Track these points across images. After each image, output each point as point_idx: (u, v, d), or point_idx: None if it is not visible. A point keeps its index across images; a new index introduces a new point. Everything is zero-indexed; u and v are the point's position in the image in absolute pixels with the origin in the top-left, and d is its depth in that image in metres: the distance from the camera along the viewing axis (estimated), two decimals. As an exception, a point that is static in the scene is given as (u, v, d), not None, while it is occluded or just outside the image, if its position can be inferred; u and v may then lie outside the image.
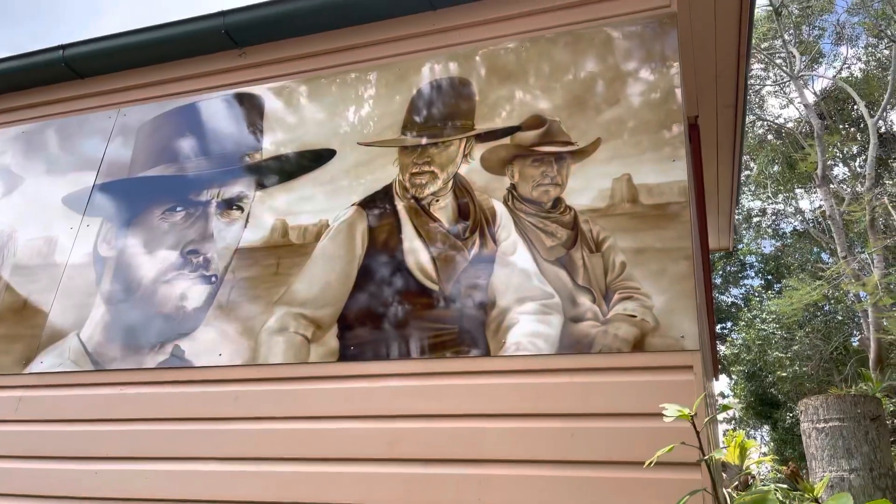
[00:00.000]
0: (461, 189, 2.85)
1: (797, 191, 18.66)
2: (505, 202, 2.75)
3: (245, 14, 3.44)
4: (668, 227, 2.47)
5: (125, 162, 3.53)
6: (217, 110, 3.51)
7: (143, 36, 3.66)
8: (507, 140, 2.88)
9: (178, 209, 3.27)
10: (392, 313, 2.69)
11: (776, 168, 18.28)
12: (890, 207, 13.10)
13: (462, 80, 3.10)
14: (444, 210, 2.83)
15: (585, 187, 2.66)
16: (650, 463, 1.69)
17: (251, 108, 3.44)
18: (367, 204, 2.96)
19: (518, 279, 2.57)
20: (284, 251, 2.99)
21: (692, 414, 1.60)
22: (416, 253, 2.77)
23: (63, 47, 3.75)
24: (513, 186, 2.77)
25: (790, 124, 18.46)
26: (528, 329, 2.47)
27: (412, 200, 2.89)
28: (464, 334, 2.56)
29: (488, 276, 2.62)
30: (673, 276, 2.38)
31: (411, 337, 2.62)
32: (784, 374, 14.82)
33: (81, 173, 3.59)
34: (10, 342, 3.21)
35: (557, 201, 2.67)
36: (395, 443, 2.47)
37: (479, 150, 2.90)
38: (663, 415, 1.62)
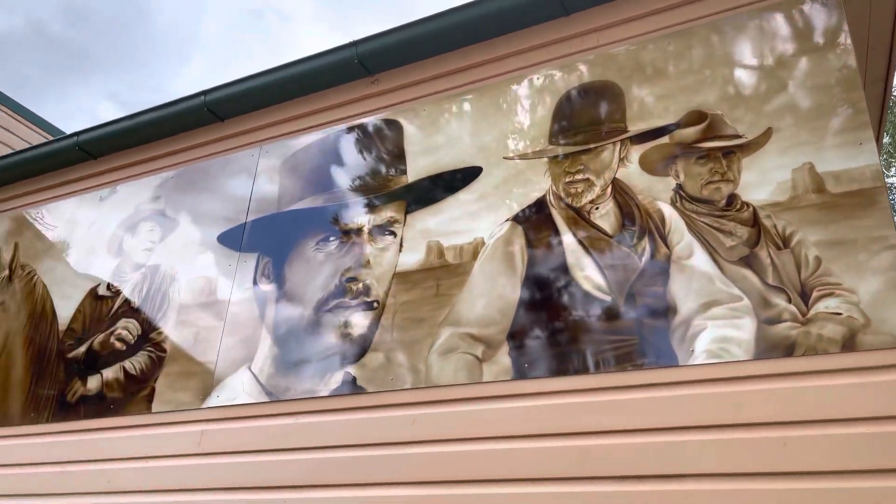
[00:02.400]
0: (622, 194, 2.76)
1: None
2: (672, 203, 2.64)
3: (377, 42, 3.49)
4: (865, 216, 2.30)
5: (273, 197, 3.65)
6: (357, 139, 3.57)
7: (277, 74, 3.77)
8: (665, 139, 2.78)
9: (332, 238, 3.33)
10: (564, 327, 2.63)
11: (887, 140, 17.15)
12: None
13: (607, 83, 3.03)
14: (605, 217, 2.75)
15: (762, 181, 2.52)
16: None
17: (391, 134, 3.48)
18: (521, 218, 2.92)
19: (699, 283, 2.46)
20: (442, 272, 2.99)
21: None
22: (582, 264, 2.70)
23: (204, 93, 3.91)
24: (679, 186, 2.66)
25: (899, 93, 17.27)
26: (718, 335, 2.36)
27: (569, 210, 2.83)
28: (645, 345, 2.47)
29: (665, 283, 2.52)
30: (878, 267, 2.21)
31: (587, 351, 2.55)
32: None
33: (232, 212, 3.73)
34: (186, 379, 3.35)
35: (732, 198, 2.54)
36: (585, 461, 2.41)
37: (635, 151, 2.81)
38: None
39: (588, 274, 2.67)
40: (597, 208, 2.78)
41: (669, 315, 2.46)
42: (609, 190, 2.79)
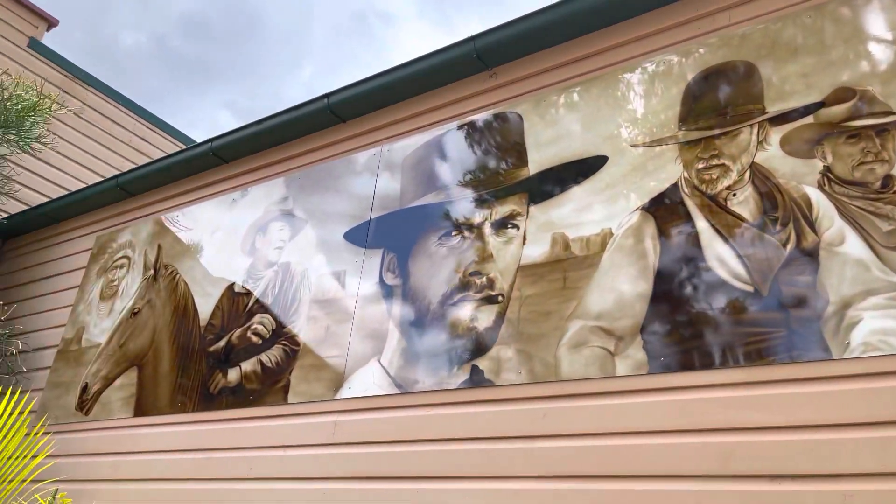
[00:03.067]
0: (762, 179, 2.62)
1: None
2: (820, 187, 2.48)
3: (495, 35, 3.49)
4: None
5: (395, 195, 3.73)
6: (476, 133, 3.59)
7: (396, 74, 3.85)
8: (809, 119, 2.61)
9: (454, 233, 3.36)
10: (702, 320, 2.52)
11: None
12: None
13: (741, 63, 2.88)
14: (744, 204, 2.62)
15: (923, 159, 2.32)
16: None
17: (510, 126, 3.47)
18: (652, 207, 2.83)
19: (853, 271, 2.30)
20: (569, 264, 2.95)
21: None
22: (720, 253, 2.58)
23: (327, 96, 4.05)
24: (827, 169, 2.49)
25: None
26: (878, 326, 2.19)
27: (704, 197, 2.72)
28: (794, 337, 2.33)
29: (814, 272, 2.37)
30: None
31: (728, 344, 2.44)
32: None
33: (356, 210, 3.85)
34: (319, 371, 3.48)
35: (888, 179, 2.36)
36: (730, 458, 2.30)
37: (775, 133, 2.66)
38: None
39: (726, 263, 2.56)
40: (734, 195, 2.65)
41: (819, 306, 2.31)
42: (747, 175, 2.66)
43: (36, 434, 3.66)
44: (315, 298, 3.73)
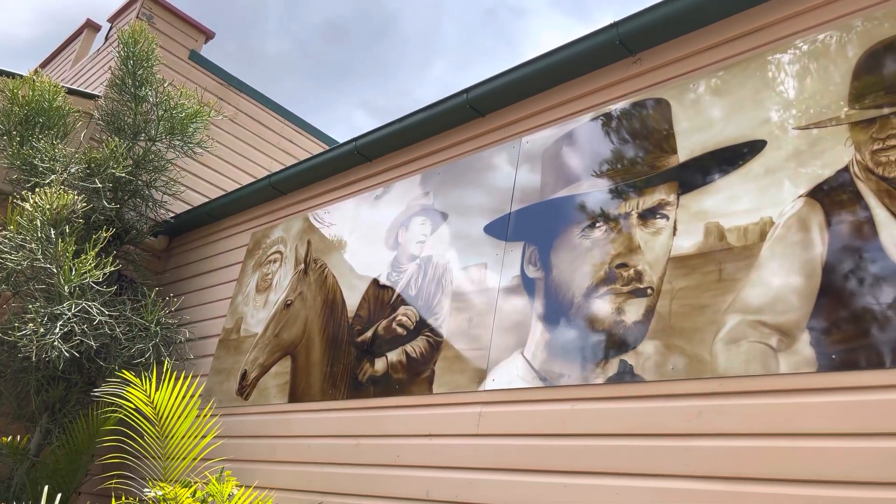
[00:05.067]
0: (951, 160, 2.36)
1: None
2: None
3: (638, 20, 3.38)
4: None
5: (535, 187, 3.70)
6: (619, 122, 3.49)
7: (535, 66, 3.82)
8: None
9: (598, 224, 3.30)
10: (881, 315, 2.31)
11: None
12: None
13: (923, 32, 2.61)
14: (929, 188, 2.37)
15: None
16: None
17: (657, 113, 3.35)
18: (818, 193, 2.63)
19: None
20: (724, 255, 2.80)
21: None
22: (900, 242, 2.35)
23: (467, 91, 4.10)
24: None
25: None
26: None
27: (881, 182, 2.49)
28: None
29: None
30: None
31: (912, 341, 2.22)
32: None
33: (496, 203, 3.86)
34: (462, 363, 3.54)
35: None
36: (917, 466, 2.10)
37: (967, 109, 2.39)
38: None
39: (909, 254, 2.33)
40: (917, 178, 2.41)
41: None
42: (933, 155, 2.41)
43: (204, 416, 3.98)
44: (457, 291, 3.79)
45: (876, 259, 2.39)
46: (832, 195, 2.59)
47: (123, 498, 4.06)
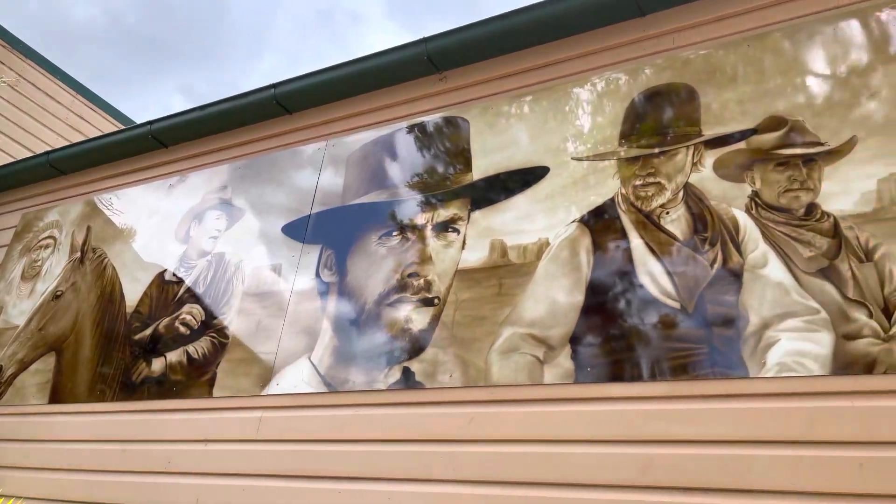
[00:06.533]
0: (694, 199, 2.70)
1: None
2: (747, 211, 2.57)
3: (447, 39, 3.50)
4: (957, 231, 2.19)
5: (337, 191, 3.69)
6: (422, 135, 3.58)
7: (346, 69, 3.82)
8: (742, 144, 2.70)
9: (394, 233, 3.35)
10: (629, 333, 2.58)
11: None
12: None
13: (682, 85, 2.96)
14: (676, 222, 2.69)
15: (844, 190, 2.43)
16: None
17: (457, 131, 3.48)
18: (589, 220, 2.88)
19: (773, 294, 2.39)
20: (505, 271, 2.97)
21: None
22: (651, 269, 2.65)
23: (274, 86, 3.99)
24: (755, 193, 2.59)
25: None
26: (793, 348, 2.28)
27: (639, 214, 2.78)
28: (715, 355, 2.40)
29: (737, 292, 2.45)
30: (970, 285, 2.11)
31: (654, 358, 2.50)
32: None
33: (297, 203, 3.79)
34: (247, 366, 3.41)
35: (811, 207, 2.46)
36: (648, 469, 2.35)
37: (709, 156, 2.75)
38: None
39: (656, 279, 2.62)
40: (667, 213, 2.72)
41: (741, 325, 2.39)
42: (681, 195, 2.73)
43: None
44: (248, 291, 3.65)
45: (630, 283, 2.66)
46: (600, 223, 2.85)
47: None
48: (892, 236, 2.28)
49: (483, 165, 3.30)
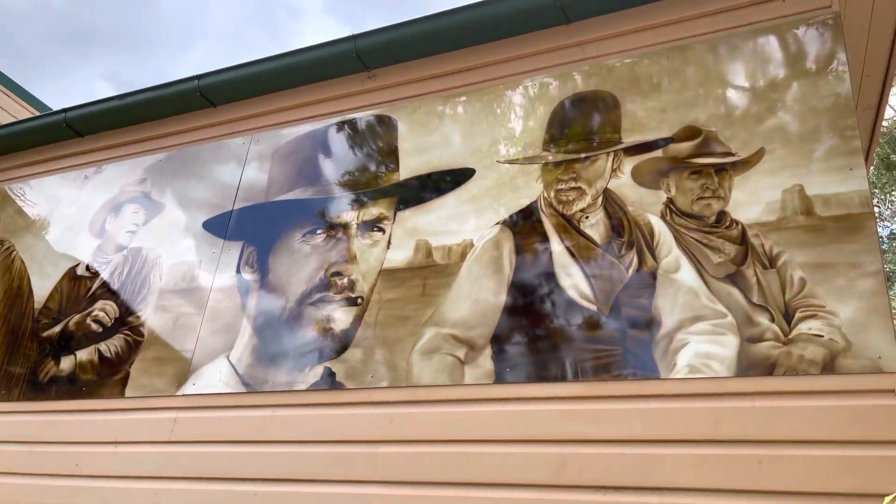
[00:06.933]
0: (612, 205, 2.77)
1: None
2: (662, 217, 2.65)
3: (376, 37, 3.48)
4: (852, 241, 2.32)
5: (262, 186, 3.61)
6: (350, 133, 3.55)
7: (273, 63, 3.74)
8: (659, 153, 2.79)
9: (319, 231, 3.31)
10: (547, 334, 2.62)
11: (871, 169, 17.43)
12: None
13: (604, 93, 3.03)
14: (595, 227, 2.75)
15: (752, 200, 2.53)
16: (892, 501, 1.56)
17: (385, 130, 3.46)
18: (511, 222, 2.92)
19: (685, 298, 2.47)
20: (429, 272, 2.97)
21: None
22: (569, 272, 2.70)
23: (198, 77, 3.87)
24: (670, 201, 2.67)
25: (885, 122, 17.56)
26: (701, 350, 2.36)
27: (560, 217, 2.83)
28: (628, 356, 2.47)
29: (651, 295, 2.53)
30: (862, 292, 2.24)
31: (570, 358, 2.55)
32: None
33: (219, 198, 3.69)
34: (162, 365, 3.30)
35: (722, 215, 2.56)
36: (563, 468, 2.40)
37: (628, 163, 2.82)
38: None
39: (575, 282, 2.67)
40: (587, 217, 2.78)
41: (653, 328, 2.47)
42: (600, 200, 2.80)
43: None
44: (166, 288, 3.54)
45: (550, 286, 2.71)
46: (522, 225, 2.89)
47: None
48: (794, 244, 2.40)
49: (411, 165, 3.30)
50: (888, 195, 17.75)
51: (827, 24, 2.72)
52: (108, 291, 3.69)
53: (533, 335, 2.64)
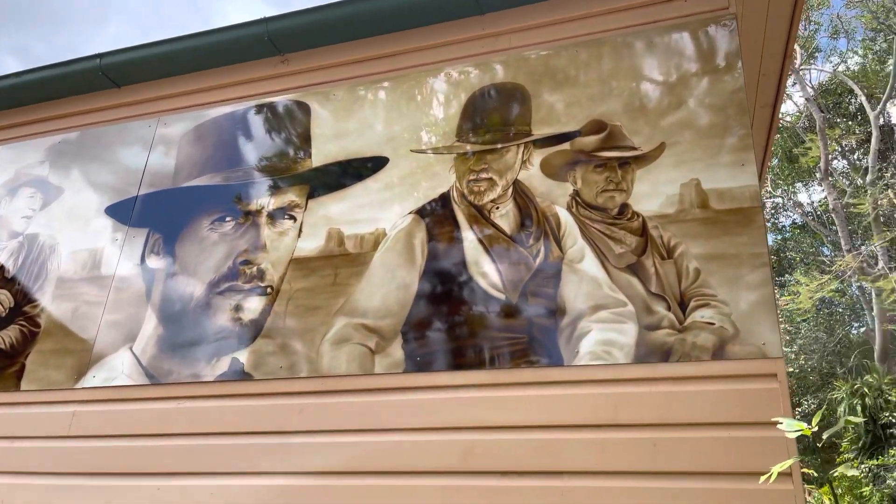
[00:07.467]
0: (522, 196, 2.82)
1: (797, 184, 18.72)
2: (569, 208, 2.72)
3: (289, 21, 3.40)
4: (742, 233, 2.45)
5: (168, 171, 3.49)
6: (262, 118, 3.47)
7: (182, 44, 3.61)
8: (566, 145, 2.85)
9: (228, 219, 3.23)
10: (457, 323, 2.66)
11: (776, 161, 18.34)
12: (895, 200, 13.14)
13: (516, 86, 3.08)
14: (505, 217, 2.80)
15: (652, 193, 2.63)
16: (769, 478, 1.67)
17: (298, 116, 3.40)
18: (424, 212, 2.93)
19: (588, 287, 2.55)
20: (341, 260, 2.95)
21: (813, 429, 1.58)
22: (479, 261, 2.74)
23: (100, 56, 3.69)
24: (576, 192, 2.74)
25: (788, 118, 18.51)
26: (602, 338, 2.45)
27: (471, 208, 2.87)
28: (534, 344, 2.53)
29: (556, 285, 2.60)
30: (750, 282, 2.37)
31: (479, 347, 2.59)
32: (790, 370, 14.87)
33: (123, 183, 3.55)
34: (60, 356, 3.16)
35: (624, 207, 2.65)
36: (470, 455, 2.45)
37: (537, 155, 2.88)
38: (783, 429, 1.61)
39: (485, 272, 2.71)
40: (497, 208, 2.83)
41: (559, 316, 2.54)
42: (510, 191, 2.85)
43: None
44: (65, 276, 3.38)
45: (461, 276, 2.74)
46: (435, 215, 2.90)
47: None
48: (690, 236, 2.51)
49: (324, 152, 3.26)
50: (790, 187, 18.78)
51: (725, 25, 2.84)
52: (2, 279, 3.49)
53: (443, 324, 2.67)
